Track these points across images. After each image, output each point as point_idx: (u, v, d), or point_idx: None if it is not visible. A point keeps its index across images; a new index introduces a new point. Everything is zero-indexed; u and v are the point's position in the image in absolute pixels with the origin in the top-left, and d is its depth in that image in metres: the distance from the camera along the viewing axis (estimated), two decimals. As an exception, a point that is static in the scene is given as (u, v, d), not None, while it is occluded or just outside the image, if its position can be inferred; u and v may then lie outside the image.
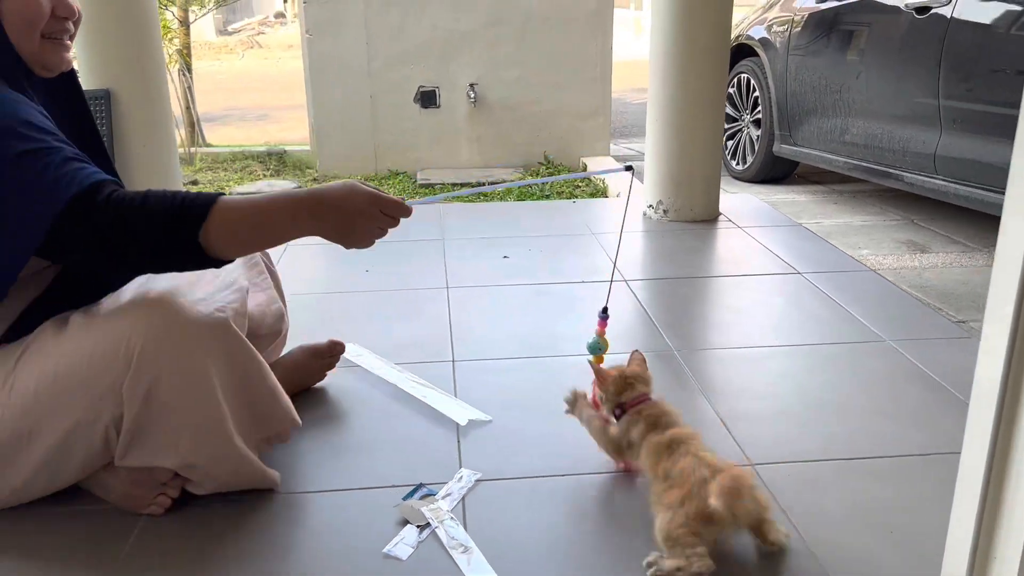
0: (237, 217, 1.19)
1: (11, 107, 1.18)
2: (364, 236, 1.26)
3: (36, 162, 1.15)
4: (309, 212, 1.22)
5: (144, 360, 1.21)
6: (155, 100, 2.71)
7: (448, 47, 4.74)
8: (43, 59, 1.27)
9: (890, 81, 3.42)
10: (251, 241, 1.25)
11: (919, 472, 1.46)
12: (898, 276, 2.93)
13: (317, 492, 1.42)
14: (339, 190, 1.23)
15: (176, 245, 1.17)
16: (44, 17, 1.24)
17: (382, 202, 1.24)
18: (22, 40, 1.24)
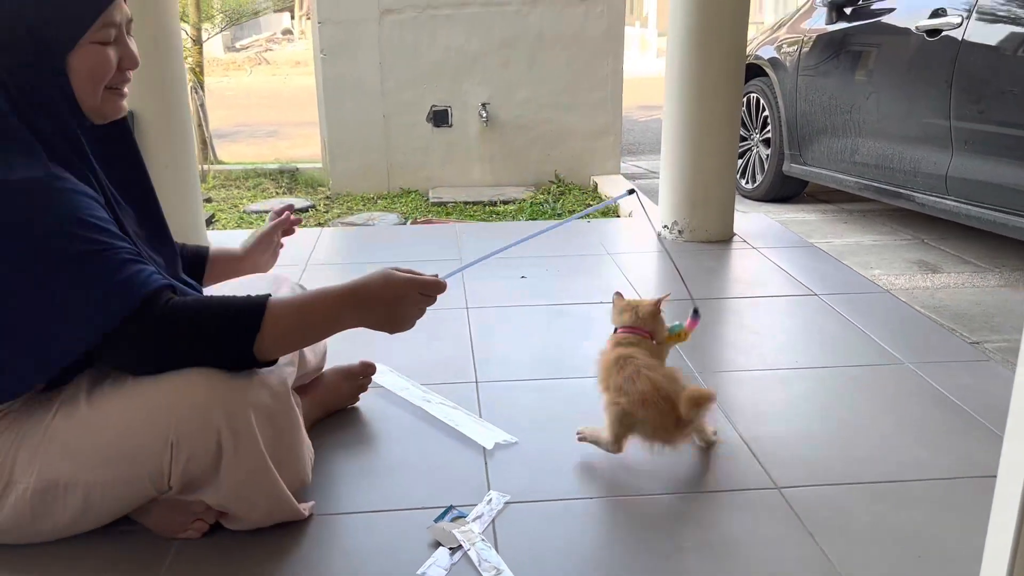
0: (285, 324, 1.24)
1: (68, 204, 1.17)
2: (406, 320, 1.33)
3: (93, 265, 1.16)
4: (352, 308, 1.28)
5: (184, 441, 1.22)
6: (176, 121, 2.74)
7: (460, 67, 4.79)
8: (103, 110, 1.27)
9: (901, 102, 3.45)
10: (297, 344, 1.33)
11: (946, 496, 1.47)
12: (911, 296, 2.95)
13: (349, 514, 1.44)
14: (378, 282, 1.29)
15: (231, 356, 1.23)
16: (112, 72, 1.25)
17: (420, 284, 1.30)
18: (86, 94, 1.24)
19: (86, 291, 1.16)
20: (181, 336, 1.20)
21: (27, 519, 1.26)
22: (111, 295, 1.17)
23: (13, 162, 1.16)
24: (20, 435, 1.23)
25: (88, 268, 1.16)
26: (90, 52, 1.22)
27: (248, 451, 1.26)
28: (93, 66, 1.22)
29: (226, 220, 4.27)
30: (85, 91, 1.23)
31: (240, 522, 1.35)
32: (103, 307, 1.17)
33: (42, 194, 1.15)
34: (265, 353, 1.25)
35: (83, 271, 1.16)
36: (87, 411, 1.23)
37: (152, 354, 1.22)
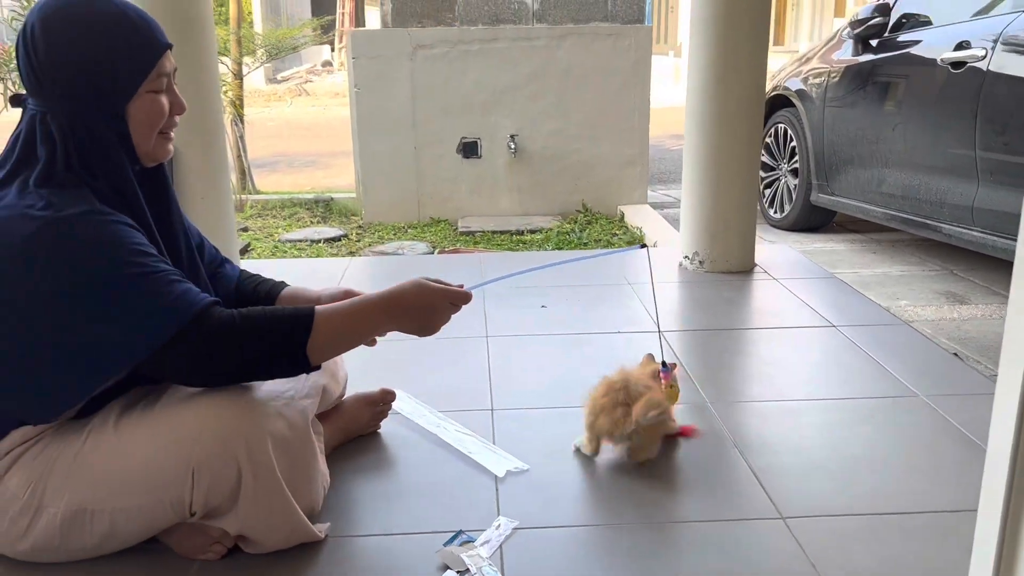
0: (333, 329, 1.34)
1: (114, 233, 1.25)
2: (436, 326, 1.45)
3: (143, 285, 1.24)
4: (389, 315, 1.40)
5: (206, 470, 1.29)
6: (212, 155, 2.86)
7: (490, 100, 4.89)
8: (155, 154, 1.36)
9: (926, 133, 3.46)
10: (343, 348, 1.41)
11: (952, 529, 1.48)
12: (937, 328, 2.94)
13: (363, 536, 1.49)
14: (412, 291, 1.41)
15: (285, 361, 1.32)
16: (165, 117, 1.34)
17: (450, 295, 1.43)
18: (142, 139, 1.32)
19: (138, 308, 1.24)
20: (236, 345, 1.28)
21: (56, 541, 1.33)
22: (162, 311, 1.24)
23: (63, 202, 1.24)
24: (52, 461, 1.31)
25: (139, 288, 1.24)
26: (146, 100, 1.31)
27: (266, 480, 1.32)
28: (150, 113, 1.31)
29: (261, 249, 4.39)
30: (142, 137, 1.32)
31: (258, 546, 1.40)
32: (154, 322, 1.24)
33: (90, 226, 1.24)
34: (316, 356, 1.33)
35: (135, 291, 1.24)
36: (114, 440, 1.30)
37: (206, 364, 1.29)
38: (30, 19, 1.27)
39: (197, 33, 2.72)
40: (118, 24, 1.28)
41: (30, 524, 1.31)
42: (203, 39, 2.76)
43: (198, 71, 2.74)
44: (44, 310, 1.23)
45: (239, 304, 1.64)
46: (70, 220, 1.23)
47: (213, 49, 2.83)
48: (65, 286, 1.22)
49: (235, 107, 6.01)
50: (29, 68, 1.27)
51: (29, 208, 1.23)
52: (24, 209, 1.23)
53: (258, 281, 1.69)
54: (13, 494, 1.30)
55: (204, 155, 2.80)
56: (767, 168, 4.79)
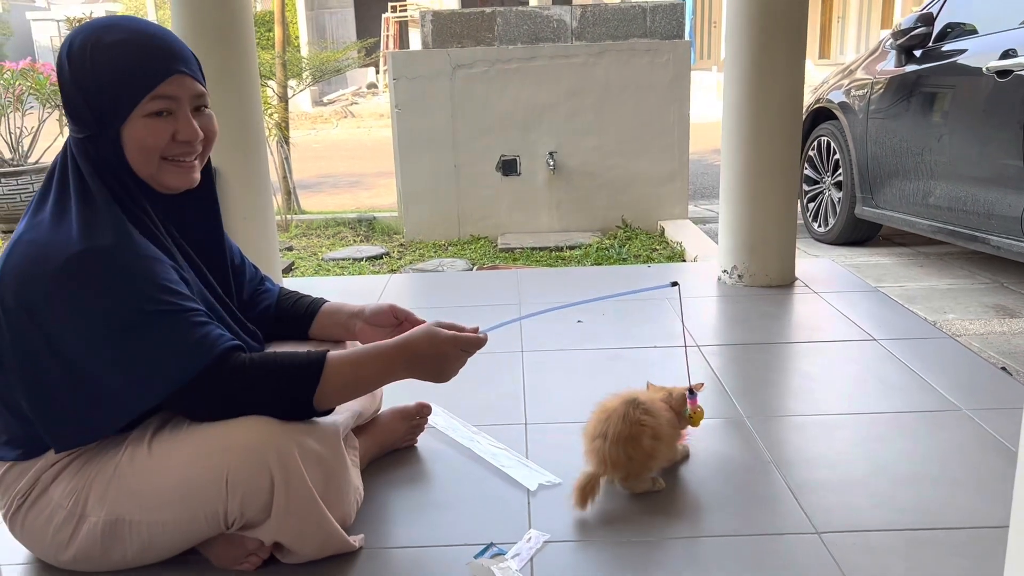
0: (342, 379, 1.37)
1: (142, 269, 1.28)
2: (449, 373, 1.45)
3: (166, 325, 1.27)
4: (400, 364, 1.41)
5: (239, 484, 1.31)
6: (256, 176, 2.94)
7: (529, 118, 4.93)
8: (161, 180, 1.37)
9: (973, 143, 3.39)
10: (352, 396, 1.44)
11: (994, 545, 1.44)
12: (985, 342, 2.86)
13: (396, 548, 1.50)
14: (423, 340, 1.41)
15: (291, 408, 1.36)
16: (161, 143, 1.33)
17: (462, 342, 1.42)
18: (138, 164, 1.34)
19: (161, 350, 1.28)
20: (247, 391, 1.32)
21: (98, 550, 1.37)
22: (184, 354, 1.28)
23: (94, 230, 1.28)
24: (94, 472, 1.35)
25: (162, 328, 1.28)
26: (140, 125, 1.31)
27: (298, 489, 1.35)
28: (143, 139, 1.32)
29: (304, 267, 4.47)
30: (137, 161, 1.33)
31: (293, 556, 1.43)
32: (177, 364, 1.28)
33: (120, 259, 1.27)
34: (324, 404, 1.37)
35: (158, 330, 1.27)
36: (149, 456, 1.34)
37: (220, 407, 1.33)
38: (64, 43, 1.35)
39: (239, 56, 2.81)
40: (119, 48, 1.30)
41: (73, 533, 1.36)
42: (245, 62, 2.84)
43: (240, 93, 2.83)
44: (70, 343, 1.27)
45: (279, 321, 1.68)
46: (100, 253, 1.26)
47: (254, 72, 2.92)
48: (92, 322, 1.26)
49: (280, 129, 6.15)
50: (60, 90, 1.35)
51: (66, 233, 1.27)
52: (62, 234, 1.27)
53: (297, 298, 1.73)
54: (58, 503, 1.35)
55: (246, 175, 2.88)
56: (811, 181, 4.73)
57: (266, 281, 1.74)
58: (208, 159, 1.46)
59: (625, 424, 1.57)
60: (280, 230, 5.44)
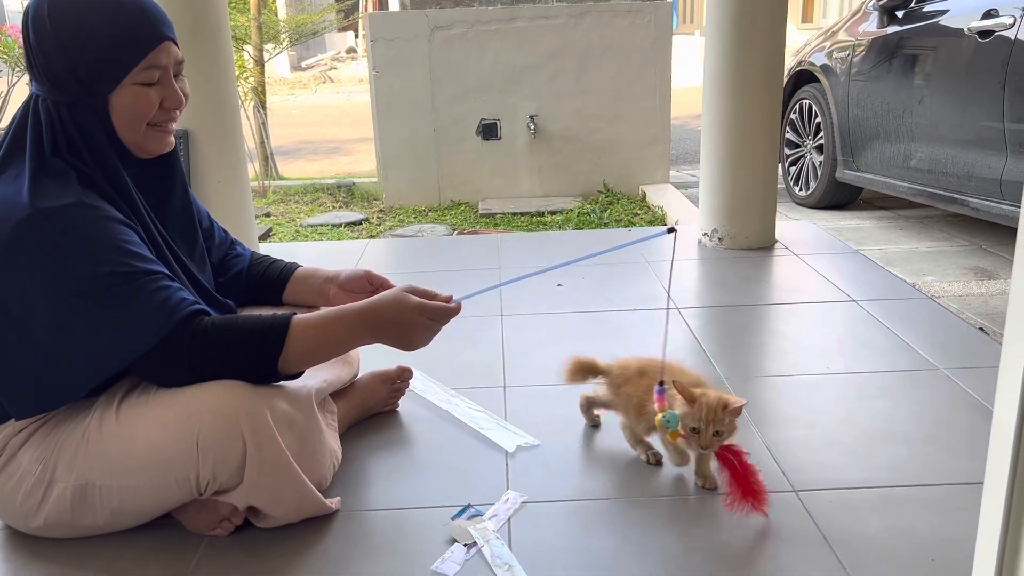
0: (306, 344, 1.33)
1: (101, 231, 1.24)
2: (417, 342, 1.40)
3: (126, 290, 1.24)
4: (366, 329, 1.37)
5: (210, 448, 1.29)
6: (229, 139, 2.88)
7: (509, 81, 4.86)
8: (145, 146, 1.35)
9: (954, 105, 3.37)
10: (318, 360, 1.40)
11: (967, 501, 1.45)
12: (963, 303, 2.88)
13: (373, 511, 1.49)
14: (390, 305, 1.36)
15: (257, 373, 1.32)
16: (151, 111, 1.32)
17: (430, 311, 1.38)
18: (126, 131, 1.32)
19: (120, 315, 1.24)
20: (212, 356, 1.29)
21: (68, 516, 1.35)
22: (144, 320, 1.25)
23: (48, 191, 1.24)
24: (62, 437, 1.32)
25: (121, 292, 1.24)
26: (130, 93, 1.29)
27: (271, 453, 1.33)
28: (133, 106, 1.30)
29: (282, 233, 4.42)
30: (125, 129, 1.31)
31: (269, 520, 1.41)
32: (137, 331, 1.25)
33: (75, 221, 1.23)
34: (289, 368, 1.34)
35: (116, 295, 1.24)
36: (117, 421, 1.31)
37: (185, 372, 1.30)
38: (38, 3, 1.28)
39: (210, 18, 2.73)
40: (110, 13, 1.26)
41: (42, 499, 1.34)
42: (216, 24, 2.77)
43: (212, 55, 2.75)
44: (25, 310, 1.23)
45: (251, 286, 1.65)
46: (57, 213, 1.22)
47: (226, 33, 2.84)
48: (48, 288, 1.22)
49: (257, 94, 6.04)
50: (26, 51, 1.29)
51: (17, 196, 1.23)
52: (12, 197, 1.23)
53: (269, 263, 1.70)
54: (27, 469, 1.33)
55: (219, 139, 2.82)
56: (792, 145, 4.71)
57: (237, 246, 1.70)
58: None
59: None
60: (258, 196, 5.36)
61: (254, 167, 5.67)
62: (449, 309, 1.40)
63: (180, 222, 1.46)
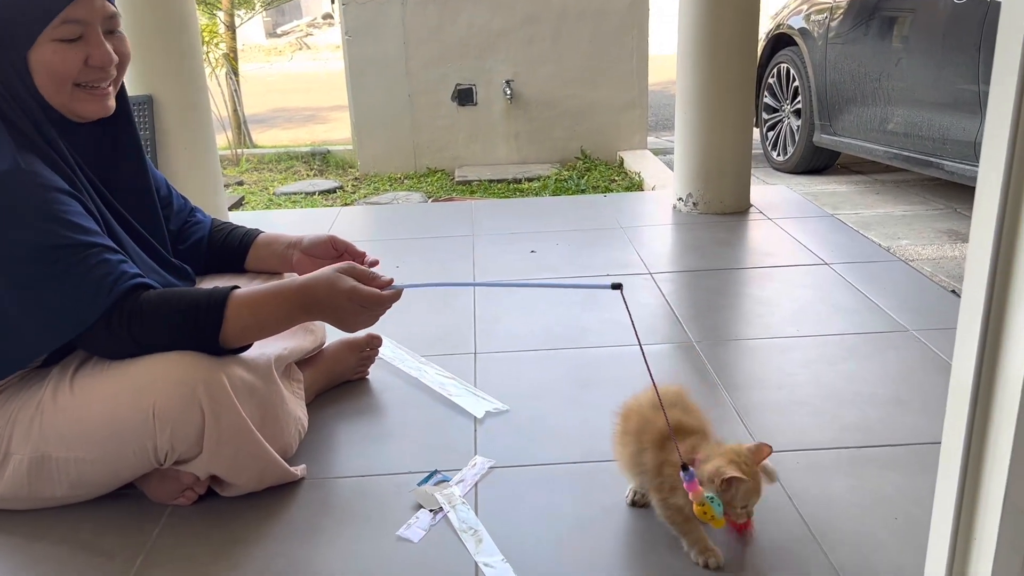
0: (244, 321, 1.28)
1: (39, 200, 1.19)
2: (355, 325, 1.35)
3: (64, 263, 1.19)
4: (302, 307, 1.32)
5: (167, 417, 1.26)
6: (195, 104, 2.81)
7: (484, 45, 4.80)
8: (73, 109, 1.28)
9: (930, 68, 3.36)
10: (259, 336, 1.35)
11: (932, 461, 1.44)
12: (936, 266, 2.89)
13: (340, 478, 1.48)
14: (322, 287, 1.30)
15: (200, 349, 1.29)
16: (74, 70, 1.25)
17: (361, 297, 1.31)
18: (49, 91, 1.25)
19: (58, 289, 1.20)
20: (152, 333, 1.25)
21: (25, 489, 1.32)
22: (83, 294, 1.21)
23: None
24: (16, 409, 1.29)
25: (59, 265, 1.20)
26: (48, 50, 1.23)
27: (230, 421, 1.30)
28: (52, 64, 1.23)
29: (255, 202, 4.36)
30: (47, 89, 1.25)
31: (233, 488, 1.39)
32: (76, 306, 1.21)
33: (10, 188, 1.18)
34: (231, 343, 1.30)
35: (53, 269, 1.20)
36: (71, 393, 1.28)
37: (130, 346, 1.27)
38: None
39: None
40: None
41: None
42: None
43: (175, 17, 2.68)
44: None
45: (213, 253, 1.62)
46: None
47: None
48: None
49: (229, 60, 5.92)
50: None
51: None
52: None
53: (230, 229, 1.66)
54: None
55: (185, 105, 2.76)
56: (770, 110, 4.69)
57: (196, 212, 1.66)
58: (123, 86, 1.38)
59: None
60: (231, 165, 5.28)
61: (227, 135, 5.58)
62: (382, 297, 1.33)
63: (132, 188, 1.42)
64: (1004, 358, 0.83)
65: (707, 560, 1.20)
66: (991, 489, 0.85)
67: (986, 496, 0.86)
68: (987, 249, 0.82)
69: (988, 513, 0.86)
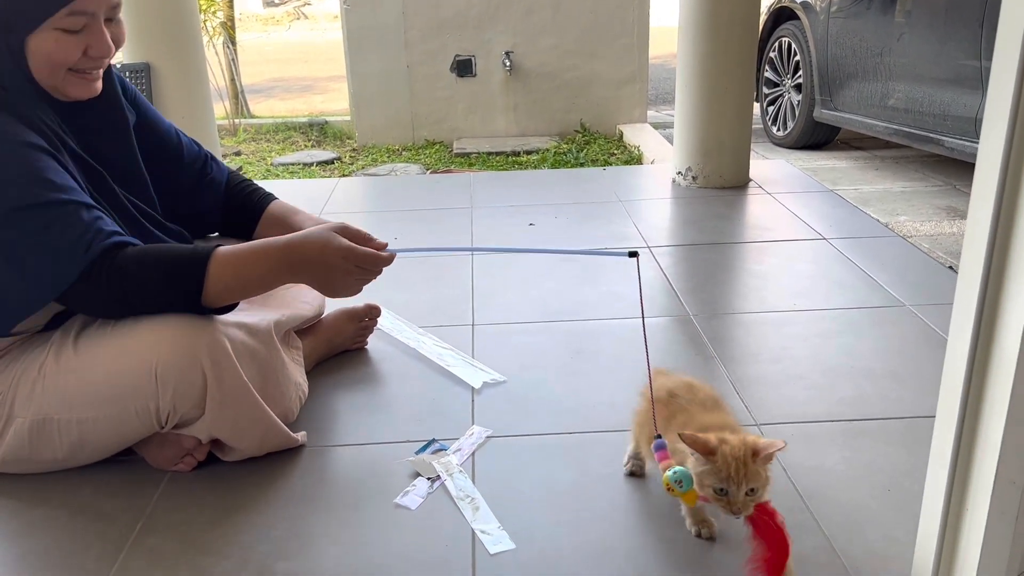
0: (227, 279, 1.25)
1: (19, 157, 1.18)
2: (342, 288, 1.30)
3: (38, 222, 1.18)
4: (287, 267, 1.27)
5: (169, 379, 1.26)
6: (193, 72, 2.79)
7: (483, 16, 4.75)
8: (65, 91, 1.27)
9: (931, 43, 3.33)
10: (243, 296, 1.32)
11: (925, 434, 1.46)
12: (934, 242, 2.89)
13: (338, 446, 1.49)
14: (315, 244, 1.26)
15: (182, 308, 1.27)
16: (72, 59, 1.24)
17: (356, 256, 1.26)
18: (43, 76, 1.24)
19: (34, 250, 1.20)
20: (134, 292, 1.24)
21: (26, 451, 1.33)
22: (61, 253, 1.20)
23: None
24: (19, 371, 1.30)
25: (33, 223, 1.18)
26: (49, 39, 1.21)
27: (232, 383, 1.31)
28: (51, 53, 1.22)
29: (252, 172, 4.34)
30: (42, 73, 1.24)
31: (233, 452, 1.41)
32: (54, 267, 1.20)
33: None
34: (214, 303, 1.28)
35: (29, 227, 1.18)
36: (75, 354, 1.29)
37: (112, 307, 1.27)
38: None
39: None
40: None
41: (1, 434, 1.32)
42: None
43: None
44: None
45: (227, 207, 1.58)
46: None
47: (188, -40, 2.73)
48: None
49: (226, 28, 5.86)
50: None
51: None
52: None
53: (250, 189, 1.63)
54: None
55: (182, 72, 2.74)
56: (771, 84, 4.66)
57: (212, 163, 1.60)
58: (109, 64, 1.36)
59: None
60: (228, 135, 5.25)
61: (224, 105, 5.53)
62: (379, 257, 1.29)
63: (118, 159, 1.39)
64: (999, 334, 0.84)
65: (700, 531, 1.21)
66: (984, 460, 0.86)
67: (979, 467, 0.87)
68: (985, 226, 0.82)
69: (980, 484, 0.87)
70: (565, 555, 1.20)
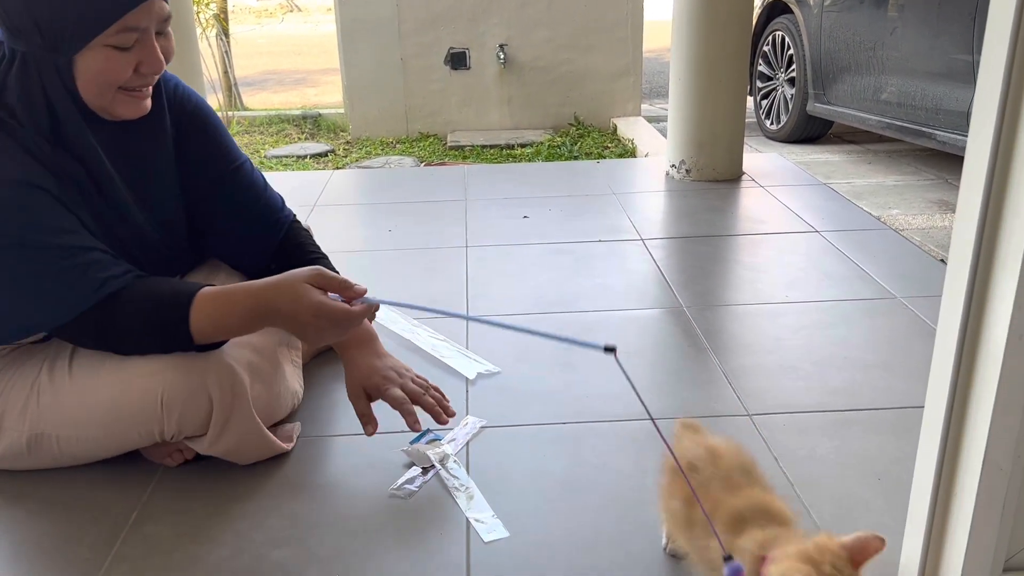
0: (203, 332, 1.22)
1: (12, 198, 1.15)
2: (316, 340, 1.24)
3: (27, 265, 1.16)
4: (263, 319, 1.22)
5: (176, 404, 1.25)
6: (186, 65, 2.78)
7: (478, 8, 4.74)
8: (113, 111, 1.22)
9: (924, 37, 3.35)
10: (223, 338, 1.28)
11: (915, 423, 1.47)
12: (926, 236, 2.90)
13: (333, 436, 1.50)
14: (286, 297, 1.19)
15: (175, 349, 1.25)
16: (124, 77, 1.18)
17: (328, 314, 1.18)
18: (91, 95, 1.19)
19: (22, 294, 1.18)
20: (124, 333, 1.22)
21: (24, 456, 1.33)
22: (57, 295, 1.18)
23: None
24: (8, 387, 1.29)
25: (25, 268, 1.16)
26: (99, 56, 1.15)
27: (240, 409, 1.30)
28: (102, 71, 1.16)
29: (247, 165, 4.33)
30: (89, 92, 1.18)
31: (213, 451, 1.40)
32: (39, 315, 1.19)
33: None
34: (204, 340, 1.24)
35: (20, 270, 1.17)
36: (70, 376, 1.27)
37: (96, 343, 1.25)
38: None
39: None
40: None
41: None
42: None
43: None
44: None
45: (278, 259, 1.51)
46: None
47: (181, -49, 2.72)
48: None
49: (219, 20, 5.84)
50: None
51: None
52: None
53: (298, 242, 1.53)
54: None
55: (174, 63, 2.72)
56: (764, 78, 4.67)
57: (270, 212, 1.50)
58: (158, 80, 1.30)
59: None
60: (221, 127, 5.23)
61: (217, 97, 5.52)
62: (351, 313, 1.20)
63: (158, 183, 1.36)
64: (986, 326, 0.85)
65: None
66: (972, 447, 0.87)
67: (966, 454, 0.88)
68: (973, 220, 0.83)
69: (968, 470, 0.88)
70: (558, 543, 1.21)
